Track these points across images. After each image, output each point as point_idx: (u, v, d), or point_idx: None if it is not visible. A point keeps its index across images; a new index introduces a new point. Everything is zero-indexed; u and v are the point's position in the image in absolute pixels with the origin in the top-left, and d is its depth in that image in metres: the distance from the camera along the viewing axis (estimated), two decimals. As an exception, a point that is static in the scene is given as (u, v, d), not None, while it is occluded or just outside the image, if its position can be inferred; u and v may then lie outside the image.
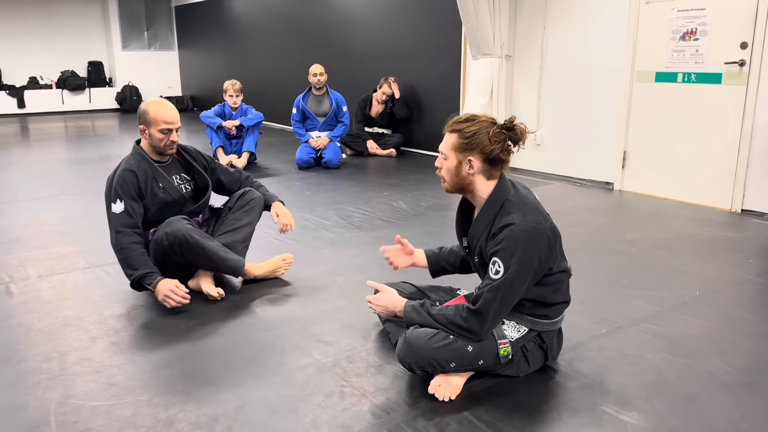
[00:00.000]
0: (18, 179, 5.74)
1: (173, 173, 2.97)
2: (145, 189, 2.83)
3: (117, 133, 9.36)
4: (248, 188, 3.17)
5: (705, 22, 4.45)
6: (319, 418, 1.93)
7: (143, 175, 2.83)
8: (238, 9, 10.48)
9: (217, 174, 3.16)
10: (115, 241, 2.76)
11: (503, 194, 2.03)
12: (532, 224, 1.96)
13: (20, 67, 11.78)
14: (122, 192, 2.78)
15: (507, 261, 1.93)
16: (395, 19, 7.20)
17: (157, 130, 2.81)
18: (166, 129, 2.81)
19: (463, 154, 2.01)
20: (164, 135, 2.82)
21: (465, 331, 1.98)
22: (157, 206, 2.87)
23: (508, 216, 1.97)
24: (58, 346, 2.42)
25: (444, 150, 2.06)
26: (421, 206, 4.62)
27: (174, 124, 2.83)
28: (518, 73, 5.94)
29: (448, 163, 2.05)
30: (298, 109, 6.41)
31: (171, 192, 2.90)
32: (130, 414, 1.96)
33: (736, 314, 2.72)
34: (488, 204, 2.04)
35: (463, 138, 2.00)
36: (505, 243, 1.93)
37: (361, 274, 3.18)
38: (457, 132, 2.01)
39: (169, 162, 2.97)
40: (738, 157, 4.39)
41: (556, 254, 2.05)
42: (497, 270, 1.94)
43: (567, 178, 5.59)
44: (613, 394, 2.06)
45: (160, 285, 2.67)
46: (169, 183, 2.90)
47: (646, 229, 4.04)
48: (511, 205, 2.00)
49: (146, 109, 2.83)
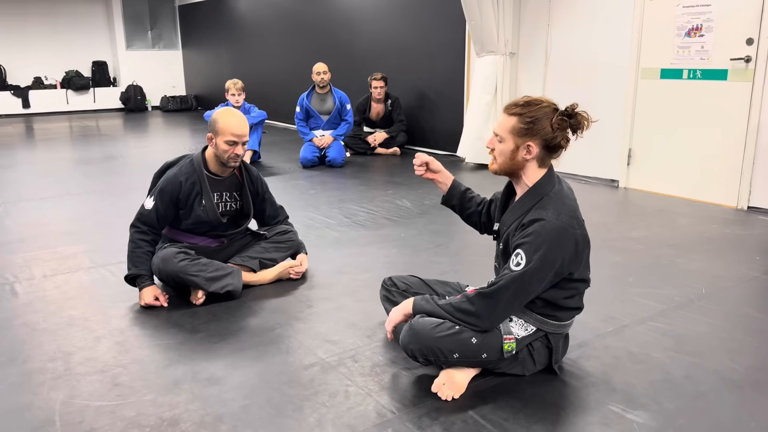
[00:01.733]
0: (23, 179, 5.75)
1: (224, 189, 2.97)
2: (185, 202, 2.88)
3: (121, 132, 9.37)
4: (291, 229, 3.21)
5: (710, 18, 4.43)
6: (324, 418, 1.92)
7: (189, 188, 2.87)
8: (241, 8, 10.48)
9: (264, 204, 3.15)
10: (130, 232, 2.88)
11: (546, 187, 2.00)
12: (564, 224, 1.92)
13: (25, 67, 11.82)
14: (160, 194, 2.85)
15: (530, 255, 1.90)
16: (399, 17, 7.19)
17: (223, 141, 2.81)
18: (232, 141, 2.81)
19: (522, 138, 1.96)
20: (229, 147, 2.82)
21: (472, 316, 1.96)
22: (192, 220, 2.92)
23: (542, 211, 1.94)
24: (63, 345, 2.42)
25: (500, 132, 2.00)
26: (426, 204, 4.61)
27: (242, 137, 2.82)
28: (522, 71, 5.92)
29: (503, 146, 2.00)
30: (301, 108, 6.41)
31: (209, 213, 2.91)
32: (134, 414, 1.95)
33: (743, 312, 2.70)
34: (529, 194, 2.01)
35: (524, 123, 1.95)
36: (533, 237, 1.91)
37: (365, 273, 3.18)
38: (518, 116, 1.96)
39: (226, 177, 2.97)
40: (744, 153, 4.36)
41: (581, 261, 2.02)
42: (518, 262, 1.91)
43: (572, 175, 5.57)
44: (619, 392, 2.05)
45: (143, 292, 2.79)
46: (211, 204, 2.90)
47: (651, 226, 4.02)
48: (550, 201, 1.96)
49: (216, 118, 2.85)
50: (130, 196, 4.95)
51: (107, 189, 5.33)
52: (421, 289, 2.40)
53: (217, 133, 2.82)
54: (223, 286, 2.80)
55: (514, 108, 1.98)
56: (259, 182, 3.10)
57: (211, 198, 2.90)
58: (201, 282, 2.76)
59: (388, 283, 2.47)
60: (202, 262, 2.81)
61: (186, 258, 2.80)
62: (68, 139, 8.66)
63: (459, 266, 3.31)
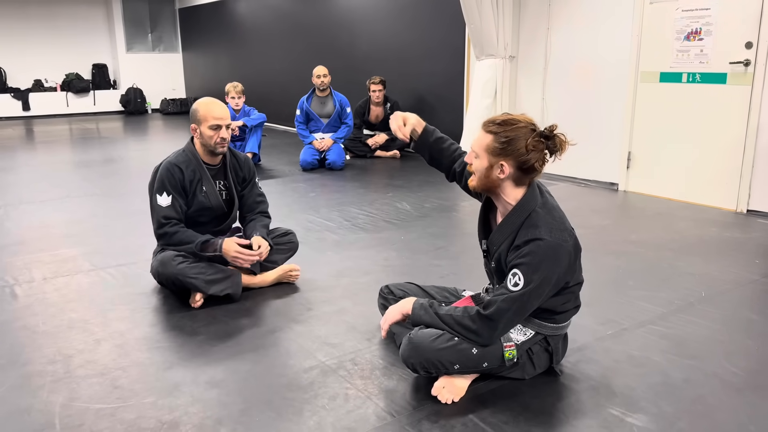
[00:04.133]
0: (23, 182, 5.75)
1: (219, 178, 2.99)
2: (189, 189, 2.89)
3: (121, 135, 9.38)
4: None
5: (710, 22, 4.44)
6: (323, 421, 1.92)
7: (191, 175, 2.88)
8: (241, 11, 10.50)
9: (247, 191, 3.09)
10: (162, 232, 2.84)
11: (531, 203, 1.97)
12: (558, 241, 1.91)
13: (25, 70, 11.83)
14: (169, 185, 2.84)
15: (529, 276, 1.89)
16: (399, 20, 7.20)
17: (207, 127, 2.83)
18: (216, 125, 2.83)
19: (495, 157, 1.93)
20: (214, 132, 2.84)
21: (473, 333, 1.96)
22: (195, 208, 2.92)
23: (534, 229, 1.92)
24: (63, 348, 2.42)
25: (476, 149, 1.98)
26: (426, 207, 4.61)
27: (224, 120, 2.85)
28: (522, 74, 5.92)
29: (478, 163, 1.98)
30: (301, 111, 6.41)
31: (211, 198, 2.93)
32: (134, 417, 1.95)
33: (743, 315, 2.70)
34: (515, 212, 1.98)
35: (499, 142, 1.92)
36: (530, 258, 1.89)
37: (365, 276, 3.18)
38: (494, 134, 1.93)
39: (219, 166, 2.98)
40: (743, 157, 4.37)
41: (575, 269, 2.03)
42: (516, 282, 1.90)
43: (572, 178, 5.58)
44: (619, 396, 2.05)
45: (225, 247, 2.80)
46: (212, 188, 2.93)
47: (651, 229, 4.02)
48: (539, 218, 1.94)
49: (196, 107, 2.88)
50: (129, 199, 4.95)
51: (107, 192, 5.33)
52: (418, 295, 2.39)
53: (200, 122, 2.84)
54: (222, 289, 2.80)
55: (491, 126, 1.95)
56: (247, 167, 3.08)
57: (211, 183, 2.93)
58: (200, 284, 2.76)
59: (385, 291, 2.47)
60: (201, 265, 2.81)
61: (185, 261, 2.80)
62: (68, 141, 8.67)
63: (458, 269, 3.31)
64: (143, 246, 3.53)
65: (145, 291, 3.00)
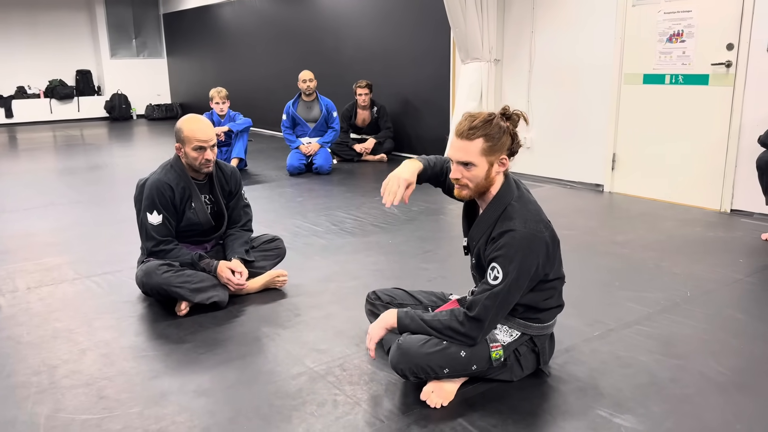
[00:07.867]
0: (6, 189, 5.69)
1: (205, 192, 2.97)
2: (179, 207, 2.87)
3: (106, 141, 9.31)
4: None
5: (691, 24, 4.49)
6: (312, 428, 1.91)
7: (181, 192, 2.86)
8: (226, 16, 10.47)
9: (233, 203, 3.08)
10: (158, 249, 2.85)
11: (507, 197, 2.02)
12: (532, 231, 1.95)
13: (7, 77, 11.70)
14: (160, 204, 2.82)
15: (506, 267, 1.92)
16: (384, 24, 7.21)
17: (191, 148, 2.80)
18: (199, 146, 2.80)
19: (492, 156, 1.98)
20: (198, 153, 2.81)
21: (461, 335, 1.98)
22: (184, 224, 2.91)
23: (509, 221, 1.97)
24: (48, 359, 2.39)
25: (470, 158, 1.97)
26: (413, 211, 4.62)
27: (208, 141, 2.81)
28: (507, 77, 5.95)
29: (476, 171, 1.98)
30: (288, 116, 6.40)
31: (200, 215, 2.91)
32: (120, 427, 1.93)
33: (728, 314, 2.73)
34: (492, 205, 2.03)
35: (490, 140, 1.96)
36: (505, 249, 1.93)
37: (353, 281, 3.17)
38: (483, 136, 1.96)
39: (205, 181, 2.97)
40: (726, 157, 4.42)
41: (554, 261, 2.05)
42: (496, 276, 1.94)
43: (557, 180, 5.61)
44: (606, 396, 2.06)
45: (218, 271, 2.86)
46: (201, 205, 2.91)
47: (636, 230, 4.05)
48: (514, 211, 1.99)
49: (181, 126, 2.84)
50: (114, 206, 4.91)
51: (92, 199, 5.28)
52: (406, 300, 2.39)
53: (184, 142, 2.82)
54: (208, 297, 2.79)
55: (473, 132, 1.96)
56: (233, 180, 3.06)
57: (200, 200, 2.91)
58: (186, 294, 2.74)
59: (372, 297, 2.46)
60: (186, 274, 2.79)
61: (170, 270, 2.78)
62: (52, 148, 8.59)
63: (446, 272, 3.32)
64: (128, 253, 3.50)
65: (131, 299, 2.98)
